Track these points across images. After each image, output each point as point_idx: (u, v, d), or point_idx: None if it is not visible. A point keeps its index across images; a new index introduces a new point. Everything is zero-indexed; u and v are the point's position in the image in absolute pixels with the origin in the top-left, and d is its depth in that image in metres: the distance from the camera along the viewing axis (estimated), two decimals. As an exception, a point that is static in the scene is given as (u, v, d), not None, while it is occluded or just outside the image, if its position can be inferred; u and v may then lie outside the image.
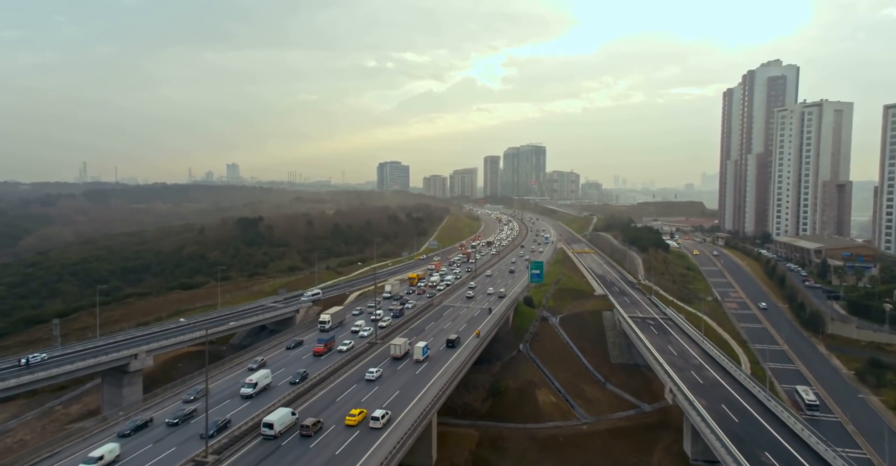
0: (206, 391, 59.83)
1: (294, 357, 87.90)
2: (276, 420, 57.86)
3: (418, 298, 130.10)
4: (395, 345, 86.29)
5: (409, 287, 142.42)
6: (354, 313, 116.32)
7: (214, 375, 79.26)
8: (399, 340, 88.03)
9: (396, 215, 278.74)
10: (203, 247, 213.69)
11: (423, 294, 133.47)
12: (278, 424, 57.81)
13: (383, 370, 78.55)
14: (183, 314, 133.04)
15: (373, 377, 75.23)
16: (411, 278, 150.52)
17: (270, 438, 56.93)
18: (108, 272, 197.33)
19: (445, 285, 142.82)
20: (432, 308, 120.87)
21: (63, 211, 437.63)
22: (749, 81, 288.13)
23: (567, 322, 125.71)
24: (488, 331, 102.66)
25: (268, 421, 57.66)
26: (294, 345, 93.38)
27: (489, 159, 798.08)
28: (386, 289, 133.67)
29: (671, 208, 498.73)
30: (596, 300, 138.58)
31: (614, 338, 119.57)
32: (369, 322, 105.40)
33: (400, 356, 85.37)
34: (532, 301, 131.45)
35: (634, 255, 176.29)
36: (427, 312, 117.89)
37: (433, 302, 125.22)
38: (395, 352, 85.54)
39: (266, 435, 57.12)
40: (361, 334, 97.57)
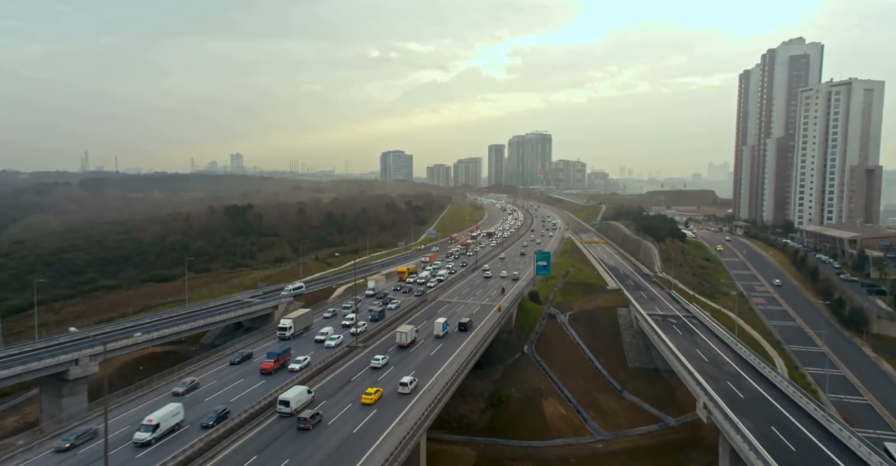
0: (105, 430, 44.16)
1: (237, 376, 69.46)
2: (291, 397, 57.40)
3: (405, 296, 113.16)
4: (401, 332, 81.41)
5: (398, 283, 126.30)
6: (326, 314, 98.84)
7: (156, 387, 66.36)
8: (405, 327, 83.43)
9: (395, 204, 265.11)
10: (187, 236, 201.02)
11: (410, 292, 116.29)
12: (294, 401, 57.34)
13: (389, 358, 75.18)
14: (153, 309, 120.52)
15: (379, 365, 71.85)
16: (400, 273, 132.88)
17: (286, 416, 56.43)
18: (85, 263, 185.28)
19: (437, 282, 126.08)
20: (425, 305, 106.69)
21: (56, 200, 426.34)
22: (769, 61, 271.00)
23: (577, 320, 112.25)
24: (495, 323, 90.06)
25: (284, 399, 57.28)
26: (240, 359, 74.37)
27: (493, 148, 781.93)
28: (369, 286, 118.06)
29: (681, 196, 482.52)
30: (609, 296, 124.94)
31: (631, 339, 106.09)
32: (341, 328, 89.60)
33: (406, 344, 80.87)
34: (538, 296, 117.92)
35: (650, 245, 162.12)
36: (416, 311, 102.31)
37: (427, 298, 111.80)
38: (400, 340, 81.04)
39: (282, 413, 56.70)
40: (328, 343, 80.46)
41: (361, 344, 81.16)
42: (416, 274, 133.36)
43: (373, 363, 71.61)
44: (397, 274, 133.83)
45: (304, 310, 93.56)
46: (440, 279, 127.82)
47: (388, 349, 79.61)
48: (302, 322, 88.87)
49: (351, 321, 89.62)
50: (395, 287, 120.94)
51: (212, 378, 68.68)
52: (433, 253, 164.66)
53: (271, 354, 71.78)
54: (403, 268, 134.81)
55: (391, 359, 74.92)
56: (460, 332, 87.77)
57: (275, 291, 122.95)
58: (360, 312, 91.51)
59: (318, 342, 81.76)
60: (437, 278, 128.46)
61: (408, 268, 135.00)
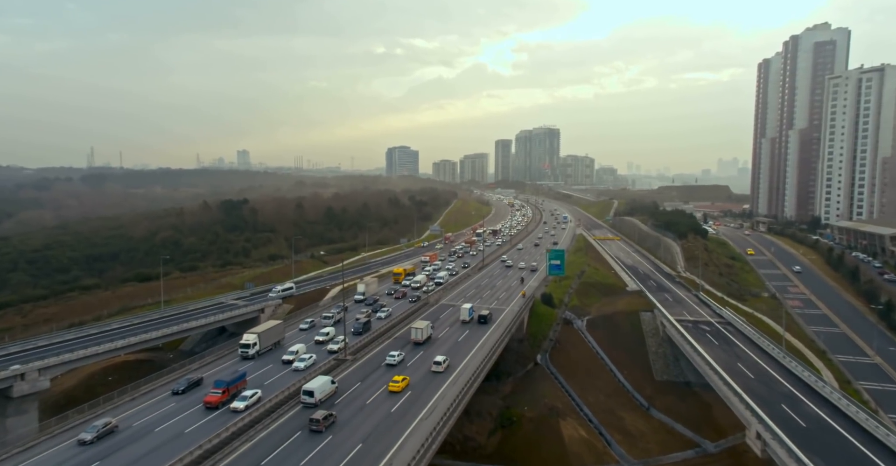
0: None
1: (176, 410, 54.07)
2: (316, 387, 55.41)
3: (398, 302, 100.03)
4: (417, 328, 76.08)
5: (392, 286, 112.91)
6: (303, 326, 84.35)
7: (68, 426, 53.56)
8: (420, 322, 78.23)
9: (398, 199, 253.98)
10: (178, 232, 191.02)
11: (404, 297, 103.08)
12: (318, 392, 55.33)
13: (405, 354, 70.59)
14: (130, 311, 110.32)
15: (394, 362, 67.26)
16: (395, 275, 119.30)
17: (311, 406, 54.35)
18: (70, 260, 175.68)
19: (436, 285, 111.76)
20: (422, 311, 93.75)
21: (56, 195, 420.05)
22: (791, 49, 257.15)
23: (596, 326, 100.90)
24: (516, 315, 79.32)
25: (308, 389, 55.26)
26: (185, 388, 58.75)
27: (500, 143, 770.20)
28: (358, 290, 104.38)
29: (694, 192, 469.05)
30: (630, 298, 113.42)
31: (657, 347, 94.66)
32: (317, 344, 75.36)
33: (422, 341, 75.52)
34: (552, 299, 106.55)
35: (671, 242, 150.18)
36: (410, 321, 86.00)
37: (429, 301, 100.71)
38: (416, 336, 75.80)
39: (306, 403, 54.68)
40: (296, 366, 65.65)
41: (351, 357, 70.20)
42: (413, 276, 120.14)
43: (387, 359, 67.48)
44: (392, 276, 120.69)
45: (274, 322, 78.36)
46: (439, 282, 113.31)
47: (404, 345, 74.46)
48: (270, 337, 74.19)
49: (326, 337, 76.66)
50: (389, 291, 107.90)
51: (142, 414, 53.39)
52: (434, 252, 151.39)
53: (219, 382, 56.26)
54: (399, 269, 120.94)
55: (407, 356, 70.18)
56: (480, 324, 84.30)
57: (263, 292, 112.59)
58: (343, 322, 78.29)
59: (286, 363, 67.51)
60: (436, 281, 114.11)
61: (404, 269, 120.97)
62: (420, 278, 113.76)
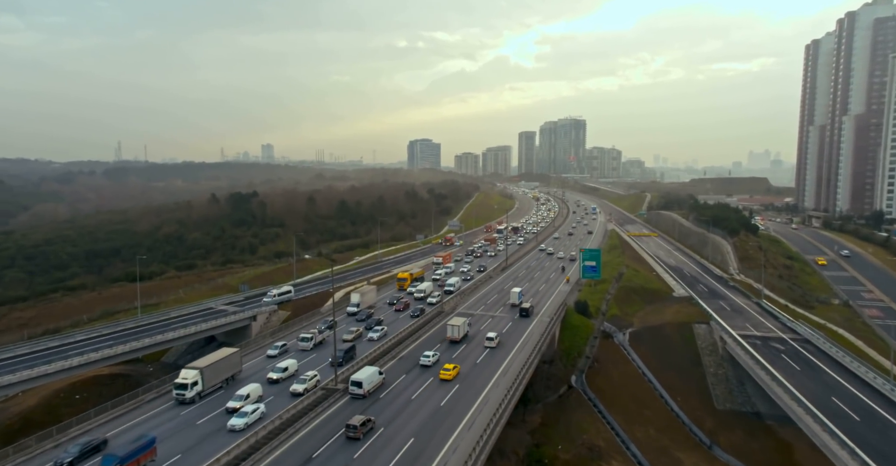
0: None
1: None
2: (364, 378, 53.52)
3: (398, 315, 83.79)
4: (453, 326, 70.44)
5: (395, 294, 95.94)
6: (272, 351, 66.20)
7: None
8: (457, 319, 72.48)
9: (416, 192, 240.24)
10: (183, 227, 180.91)
11: (406, 309, 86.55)
12: (367, 383, 53.45)
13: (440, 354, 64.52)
14: (112, 316, 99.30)
15: (429, 363, 61.84)
16: (400, 280, 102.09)
17: (359, 397, 52.89)
18: (69, 256, 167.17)
19: (445, 293, 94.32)
20: (430, 326, 78.02)
21: (77, 189, 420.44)
22: (847, 27, 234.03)
23: (641, 341, 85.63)
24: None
25: (356, 380, 53.42)
26: (76, 456, 39.69)
27: (524, 135, 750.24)
28: (352, 300, 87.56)
29: (730, 185, 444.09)
30: (679, 306, 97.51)
31: (716, 368, 79.07)
32: (271, 384, 56.21)
33: (458, 339, 69.95)
34: (587, 307, 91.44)
35: (720, 240, 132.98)
36: (410, 342, 70.16)
37: (443, 309, 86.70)
38: (452, 334, 70.34)
39: (355, 394, 53.07)
40: (232, 425, 45.89)
41: (343, 385, 56.59)
42: (422, 281, 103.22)
43: (422, 360, 61.86)
44: (396, 281, 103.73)
45: (228, 351, 58.31)
46: (449, 291, 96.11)
47: (437, 344, 68.62)
48: (219, 372, 55.07)
49: (283, 373, 57.44)
50: (391, 300, 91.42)
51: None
52: (447, 252, 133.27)
53: (109, 459, 37.37)
54: (404, 273, 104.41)
55: (442, 357, 63.90)
56: (521, 318, 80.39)
57: (260, 296, 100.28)
58: (335, 342, 61.92)
59: (230, 413, 48.24)
60: (446, 290, 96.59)
61: (410, 274, 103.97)
62: (426, 285, 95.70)
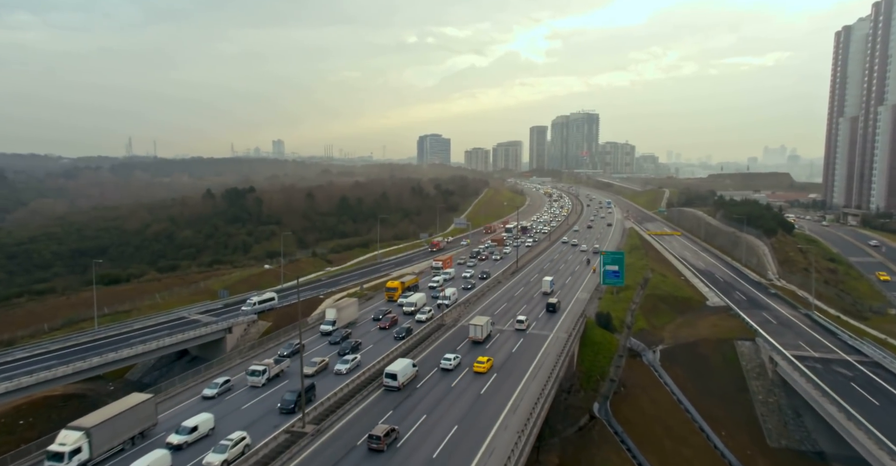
0: None
1: None
2: (398, 370, 53.06)
3: (383, 335, 69.67)
4: (476, 325, 66.71)
5: (381, 307, 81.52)
6: (208, 392, 50.46)
7: None
8: (480, 318, 68.62)
9: (422, 188, 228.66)
10: (174, 225, 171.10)
11: (393, 327, 72.86)
12: (401, 375, 52.93)
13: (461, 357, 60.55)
14: (77, 325, 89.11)
15: (450, 366, 58.01)
16: (389, 290, 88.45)
17: (394, 390, 52.33)
18: (54, 256, 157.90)
19: (438, 307, 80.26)
20: (426, 347, 65.32)
21: (81, 184, 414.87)
22: (885, 11, 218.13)
23: (674, 360, 73.53)
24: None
25: (391, 372, 52.98)
26: None
27: (535, 130, 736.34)
28: (326, 316, 73.31)
29: (750, 180, 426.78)
30: (715, 318, 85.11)
31: (766, 395, 66.89)
32: (174, 451, 39.49)
33: (481, 339, 66.27)
34: (610, 320, 79.30)
35: (755, 241, 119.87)
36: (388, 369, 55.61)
37: (444, 321, 75.21)
38: (475, 334, 66.69)
39: (389, 387, 52.52)
40: None
41: (311, 428, 45.27)
42: (415, 290, 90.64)
43: (442, 363, 58.27)
44: (385, 291, 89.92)
45: (139, 398, 43.24)
46: (443, 303, 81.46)
47: (458, 345, 64.66)
48: (119, 431, 39.88)
49: (188, 436, 40.81)
50: (377, 314, 77.41)
51: None
52: (448, 255, 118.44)
53: None
54: (394, 282, 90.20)
55: (464, 359, 59.94)
56: (548, 313, 78.48)
57: (240, 303, 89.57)
58: (281, 376, 51.20)
59: None
60: (440, 303, 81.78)
61: (401, 282, 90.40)
62: (417, 297, 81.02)
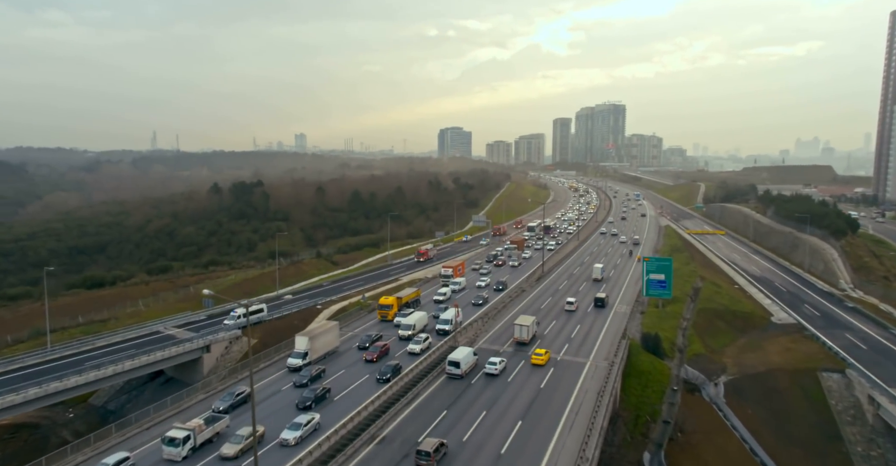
0: None
1: None
2: (461, 358, 53.02)
3: (368, 369, 55.22)
4: (521, 325, 61.95)
5: (368, 333, 65.41)
6: (109, 461, 36.00)
7: None
8: (526, 318, 64.17)
9: (440, 182, 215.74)
10: (176, 221, 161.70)
11: (382, 358, 57.84)
12: (464, 363, 52.90)
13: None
14: (41, 339, 78.79)
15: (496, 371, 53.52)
16: (383, 308, 73.16)
17: (457, 377, 52.36)
18: (51, 253, 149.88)
19: (437, 334, 65.03)
20: (422, 393, 52.10)
21: (100, 178, 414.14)
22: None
23: (743, 396, 59.49)
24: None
25: (454, 359, 52.95)
26: None
27: (559, 122, 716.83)
28: (296, 346, 58.02)
29: (788, 173, 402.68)
30: (786, 339, 70.51)
31: (867, 446, 52.73)
32: None
33: (527, 340, 61.63)
34: (658, 343, 65.37)
35: (819, 243, 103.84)
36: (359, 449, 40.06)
37: (456, 342, 62.34)
38: (520, 335, 61.79)
39: (452, 374, 52.49)
40: None
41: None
42: (415, 306, 76.66)
43: (487, 368, 53.91)
44: (377, 310, 74.72)
45: None
46: (443, 330, 65.36)
47: (503, 348, 61.37)
48: None
49: None
50: (363, 342, 62.33)
51: None
52: (459, 261, 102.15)
53: None
54: (388, 298, 74.13)
55: (510, 363, 56.20)
56: (596, 308, 76.52)
57: (225, 314, 78.35)
58: (214, 442, 39.70)
59: None
60: (438, 329, 65.80)
61: (397, 297, 74.79)
62: (416, 318, 65.79)
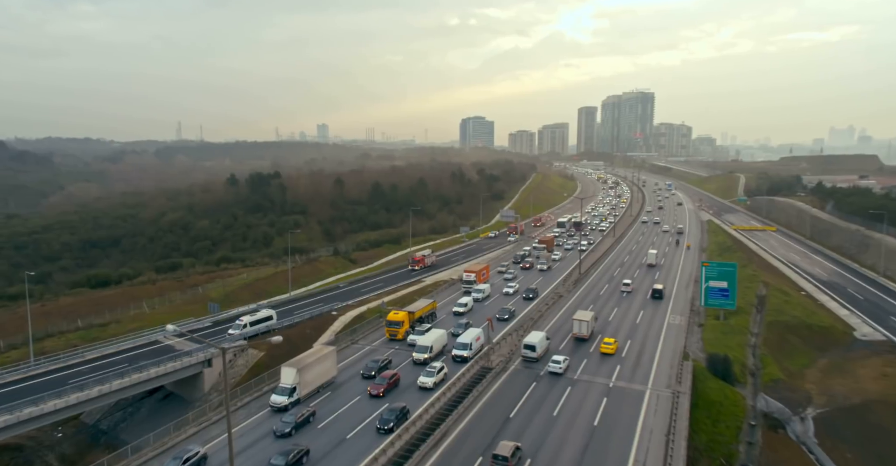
0: None
1: None
2: (536, 341, 54.59)
3: (369, 410, 45.14)
4: (580, 320, 60.54)
5: (385, 349, 59.53)
6: None
7: None
8: (585, 313, 62.58)
9: (463, 173, 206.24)
10: (191, 214, 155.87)
11: (390, 391, 48.47)
12: (539, 347, 54.29)
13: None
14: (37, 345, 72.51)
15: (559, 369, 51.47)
16: (391, 324, 62.70)
17: (532, 361, 53.76)
18: (64, 246, 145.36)
19: (455, 361, 54.80)
20: (464, 415, 45.49)
21: (124, 168, 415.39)
22: None
23: (838, 435, 49.49)
24: None
25: (529, 343, 54.57)
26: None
27: (584, 111, 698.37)
28: (282, 380, 47.83)
29: (830, 163, 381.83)
30: (878, 360, 59.94)
31: None
32: None
33: (586, 336, 60.30)
34: (728, 366, 55.44)
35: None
36: None
37: (490, 364, 53.61)
38: (579, 330, 60.46)
39: (528, 358, 54.03)
40: None
41: None
42: (430, 320, 67.33)
43: (550, 367, 51.54)
44: (385, 327, 64.00)
45: None
46: (460, 358, 54.69)
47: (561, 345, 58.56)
48: None
49: None
50: (367, 369, 52.29)
51: None
52: (483, 265, 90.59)
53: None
54: (399, 313, 63.21)
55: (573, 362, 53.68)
56: (654, 299, 75.61)
57: (232, 320, 70.95)
58: None
59: None
60: (456, 355, 55.21)
61: (409, 312, 64.15)
62: (433, 338, 56.59)
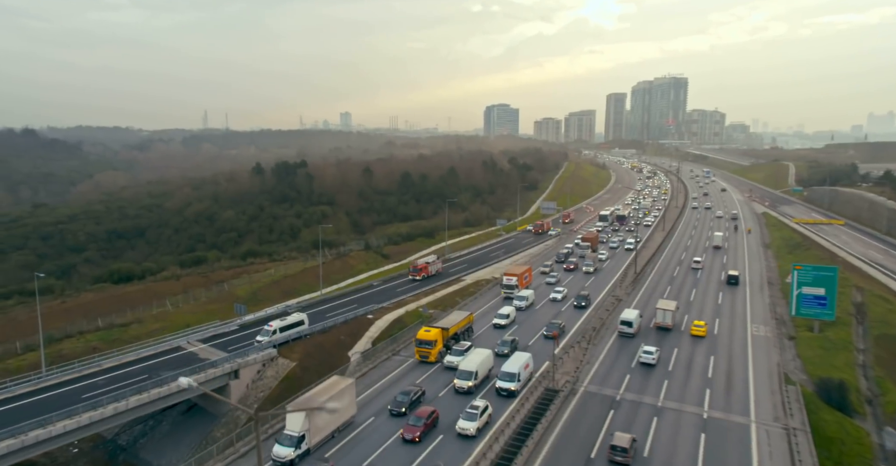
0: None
1: None
2: (632, 318, 58.46)
3: (409, 454, 37.35)
4: (663, 310, 60.95)
5: (417, 374, 51.25)
6: None
7: None
8: (668, 302, 63.48)
9: (494, 162, 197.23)
10: (216, 204, 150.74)
11: (428, 432, 39.78)
12: (635, 323, 58.24)
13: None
14: (55, 346, 67.28)
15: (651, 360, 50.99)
16: (422, 344, 53.57)
17: (629, 336, 57.50)
18: (89, 236, 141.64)
19: (498, 393, 45.69)
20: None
21: (151, 156, 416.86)
22: None
23: None
24: None
25: (626, 319, 58.39)
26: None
27: (613, 97, 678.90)
28: (288, 426, 38.31)
29: (880, 150, 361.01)
30: None
31: None
32: None
33: (670, 325, 60.34)
34: (844, 393, 46.75)
35: None
36: None
37: (558, 393, 45.94)
38: (662, 320, 60.80)
39: (625, 333, 57.85)
40: None
41: None
42: (467, 336, 58.75)
43: (642, 357, 51.11)
44: (415, 345, 54.69)
45: None
46: (507, 389, 45.65)
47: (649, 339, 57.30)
48: None
49: None
50: (397, 405, 43.62)
51: None
52: (525, 267, 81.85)
53: None
54: (430, 332, 53.95)
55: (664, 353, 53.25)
56: (730, 285, 75.91)
57: (263, 323, 64.56)
58: None
59: None
60: (500, 387, 46.08)
61: (442, 329, 54.60)
62: (476, 362, 47.80)
